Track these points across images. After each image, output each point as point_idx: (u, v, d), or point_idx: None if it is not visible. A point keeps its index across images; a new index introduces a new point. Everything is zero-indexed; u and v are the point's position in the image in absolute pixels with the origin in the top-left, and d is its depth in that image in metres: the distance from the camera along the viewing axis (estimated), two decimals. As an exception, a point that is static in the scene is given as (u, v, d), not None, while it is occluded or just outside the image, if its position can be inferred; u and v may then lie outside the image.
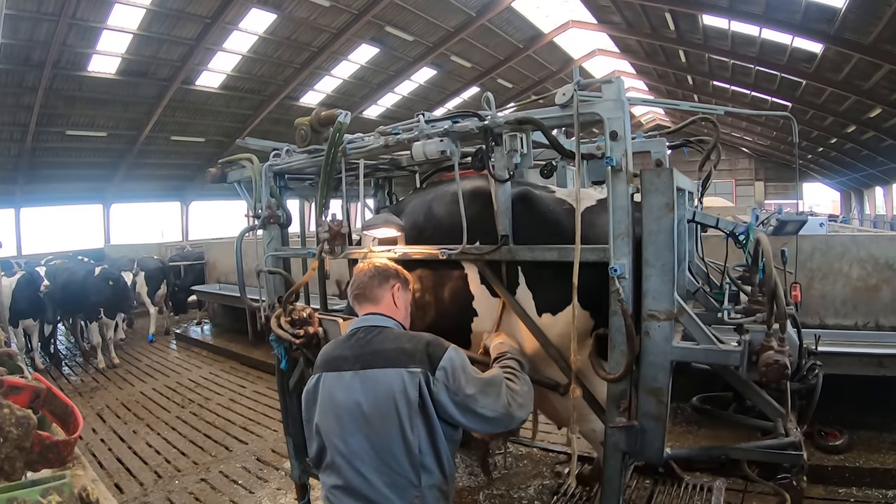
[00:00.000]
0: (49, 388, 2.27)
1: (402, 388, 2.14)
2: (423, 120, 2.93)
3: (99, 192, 22.40)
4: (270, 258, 3.90)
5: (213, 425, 7.47)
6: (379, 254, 3.20)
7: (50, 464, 2.02)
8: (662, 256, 2.29)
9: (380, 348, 2.25)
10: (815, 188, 39.61)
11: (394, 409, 2.13)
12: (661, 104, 9.98)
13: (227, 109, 21.57)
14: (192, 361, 11.00)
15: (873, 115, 20.10)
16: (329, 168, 3.29)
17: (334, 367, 2.30)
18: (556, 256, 2.59)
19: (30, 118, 16.95)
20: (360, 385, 2.19)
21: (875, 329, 5.82)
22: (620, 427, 2.45)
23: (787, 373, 2.13)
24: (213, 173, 4.21)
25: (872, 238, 6.44)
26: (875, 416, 5.49)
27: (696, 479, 4.18)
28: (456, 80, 25.93)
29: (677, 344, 2.34)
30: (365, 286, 2.49)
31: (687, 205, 3.21)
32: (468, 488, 4.47)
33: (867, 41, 14.57)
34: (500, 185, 2.75)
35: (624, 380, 2.43)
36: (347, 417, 2.19)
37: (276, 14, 17.14)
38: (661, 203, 2.29)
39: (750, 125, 32.12)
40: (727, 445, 2.77)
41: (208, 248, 14.81)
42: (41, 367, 10.44)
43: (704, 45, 20.00)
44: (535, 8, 22.09)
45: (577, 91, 2.45)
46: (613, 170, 2.37)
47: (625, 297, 2.34)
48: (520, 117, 2.61)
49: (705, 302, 3.14)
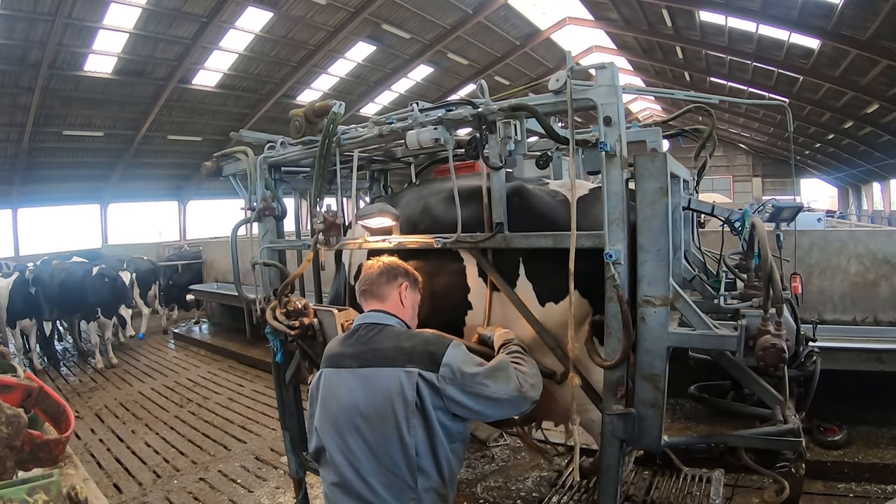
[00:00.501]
0: (41, 387, 2.26)
1: (400, 388, 2.12)
2: (416, 108, 2.92)
3: (96, 192, 22.39)
4: (266, 251, 3.89)
5: (211, 424, 7.46)
6: (373, 243, 3.19)
7: (41, 463, 2.01)
8: (657, 242, 2.27)
9: (379, 346, 2.25)
10: (813, 184, 39.61)
11: (391, 410, 2.12)
12: (656, 92, 10.04)
13: (223, 108, 21.58)
14: (190, 361, 11.00)
15: (871, 111, 20.12)
16: (323, 158, 3.27)
17: (335, 364, 2.31)
18: (552, 243, 2.57)
19: (26, 118, 16.94)
20: (357, 384, 2.19)
21: (873, 324, 5.81)
22: (618, 414, 2.44)
23: (785, 356, 2.12)
24: (208, 167, 4.19)
25: (870, 233, 6.44)
26: (874, 411, 5.50)
27: (695, 471, 4.16)
28: (453, 78, 25.92)
29: (674, 330, 2.32)
30: (372, 282, 2.47)
31: (682, 192, 3.19)
32: (466, 480, 4.46)
33: (864, 37, 14.56)
34: (495, 172, 2.74)
35: (620, 366, 2.42)
36: (345, 416, 2.19)
37: (273, 12, 17.12)
38: (655, 188, 2.27)
39: (747, 121, 32.13)
40: (725, 433, 2.75)
41: (206, 248, 14.78)
42: (39, 367, 10.41)
43: (701, 42, 19.98)
44: (532, 5, 22.08)
45: (571, 77, 2.43)
46: (608, 155, 2.35)
47: (620, 283, 2.32)
48: (513, 104, 2.59)
49: (702, 290, 3.12)
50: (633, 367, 2.46)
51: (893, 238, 5.90)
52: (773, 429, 2.61)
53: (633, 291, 2.40)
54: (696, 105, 3.33)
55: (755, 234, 2.47)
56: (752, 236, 2.57)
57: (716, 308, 2.79)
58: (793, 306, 2.72)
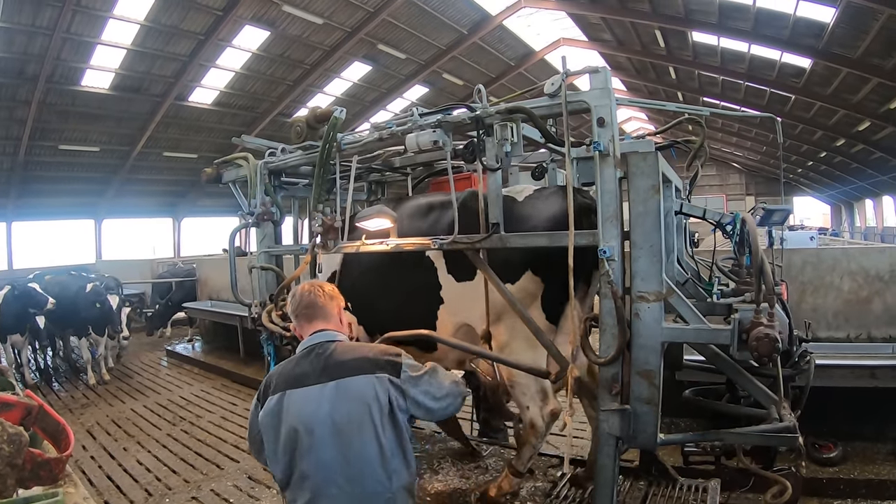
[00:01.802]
0: (41, 406, 2.26)
1: (374, 393, 2.23)
2: (416, 112, 2.97)
3: (91, 208, 22.32)
4: (263, 255, 3.91)
5: (204, 443, 7.37)
6: (371, 245, 3.23)
7: (42, 481, 2.02)
8: (650, 238, 2.31)
9: (344, 359, 2.32)
10: (806, 201, 39.93)
11: (367, 415, 2.20)
12: (648, 104, 10.21)
13: (219, 126, 21.62)
14: (182, 379, 10.88)
15: (862, 129, 20.32)
16: (324, 163, 3.32)
17: (298, 384, 2.31)
18: (547, 242, 2.61)
19: (23, 132, 16.92)
20: (329, 396, 2.23)
21: (867, 341, 5.83)
22: (613, 411, 2.45)
23: (778, 346, 2.14)
24: (208, 173, 4.24)
25: (863, 251, 6.49)
26: (869, 427, 5.47)
27: (691, 481, 4.14)
28: (448, 98, 26.01)
29: (667, 325, 2.35)
30: (315, 305, 2.50)
31: (674, 198, 3.24)
32: (459, 490, 4.42)
33: (855, 55, 14.79)
34: (492, 174, 2.79)
35: (615, 363, 2.44)
36: (319, 430, 2.21)
37: (270, 31, 17.29)
38: (647, 185, 2.32)
39: (740, 140, 32.44)
40: (722, 430, 2.75)
41: (200, 265, 14.66)
42: (31, 382, 10.30)
43: (694, 62, 20.28)
44: (527, 26, 22.43)
45: (565, 81, 2.49)
46: (601, 155, 2.40)
47: (615, 278, 2.35)
48: (510, 106, 2.66)
49: (695, 292, 3.16)
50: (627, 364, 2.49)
51: (886, 255, 5.95)
52: (770, 426, 2.62)
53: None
54: (687, 117, 3.41)
55: (746, 229, 2.51)
56: (742, 233, 2.61)
57: (710, 309, 2.83)
58: (785, 304, 2.75)
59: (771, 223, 3.23)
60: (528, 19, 21.82)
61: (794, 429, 2.57)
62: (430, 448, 5.16)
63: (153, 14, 14.88)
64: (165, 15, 15.12)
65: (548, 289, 2.98)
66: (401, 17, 18.71)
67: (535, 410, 3.38)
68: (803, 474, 2.78)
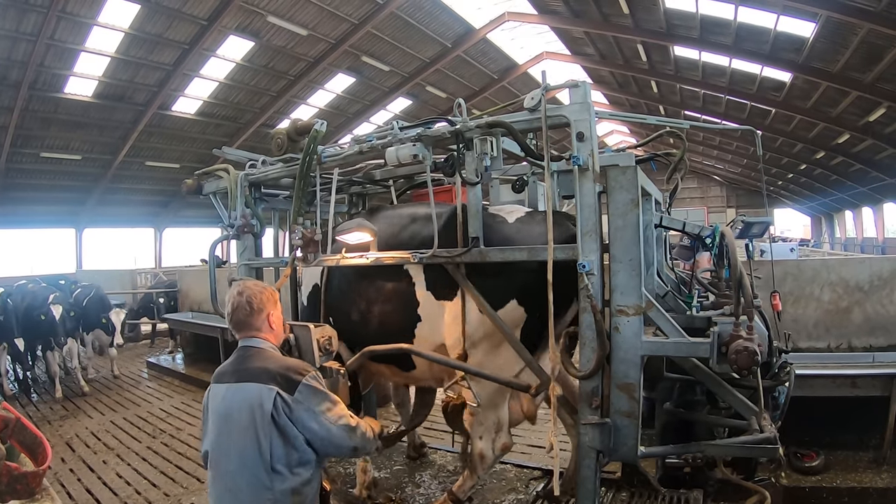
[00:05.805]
0: (18, 419, 2.24)
1: (259, 401, 2.44)
2: (396, 126, 2.97)
3: (72, 217, 22.07)
4: (244, 268, 3.88)
5: (184, 456, 7.23)
6: (351, 259, 3.22)
7: (18, 495, 2.00)
8: (630, 252, 2.32)
9: (250, 366, 2.57)
10: (787, 213, 40.46)
11: (251, 418, 2.44)
12: (629, 117, 10.27)
13: (202, 136, 21.49)
14: (163, 391, 10.69)
15: (841, 141, 20.67)
16: (304, 175, 3.30)
17: (218, 380, 2.64)
18: (526, 256, 2.62)
19: (4, 139, 16.73)
20: (232, 395, 2.52)
21: (848, 350, 5.88)
22: (593, 424, 2.45)
23: (757, 359, 2.16)
24: (189, 185, 4.20)
25: (843, 261, 6.57)
26: (851, 435, 5.50)
27: (673, 492, 4.14)
28: (431, 111, 26.10)
29: (647, 338, 2.36)
30: (241, 321, 2.70)
31: (654, 211, 3.27)
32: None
33: (835, 69, 15.05)
34: (472, 188, 2.79)
35: (595, 377, 2.44)
36: (221, 422, 2.53)
37: (254, 42, 17.28)
38: (626, 199, 2.34)
39: (721, 153, 32.82)
40: (702, 442, 2.76)
41: (181, 276, 14.50)
42: (10, 393, 10.09)
43: (676, 76, 20.53)
44: (510, 40, 22.64)
45: (545, 95, 2.50)
46: (580, 169, 2.41)
47: (594, 292, 2.36)
48: (490, 121, 2.66)
49: (675, 305, 3.17)
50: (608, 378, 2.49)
51: (866, 265, 6.02)
52: (751, 437, 2.64)
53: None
54: (668, 130, 3.44)
55: (724, 243, 2.53)
56: (721, 246, 2.63)
57: (689, 322, 2.84)
58: (764, 317, 2.77)
59: (750, 235, 3.26)
60: (511, 33, 22.03)
61: (775, 440, 2.58)
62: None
63: (138, 22, 14.85)
64: (150, 23, 15.08)
65: (529, 320, 3.00)
66: (385, 29, 18.77)
67: (487, 443, 3.45)
68: (784, 483, 2.78)
